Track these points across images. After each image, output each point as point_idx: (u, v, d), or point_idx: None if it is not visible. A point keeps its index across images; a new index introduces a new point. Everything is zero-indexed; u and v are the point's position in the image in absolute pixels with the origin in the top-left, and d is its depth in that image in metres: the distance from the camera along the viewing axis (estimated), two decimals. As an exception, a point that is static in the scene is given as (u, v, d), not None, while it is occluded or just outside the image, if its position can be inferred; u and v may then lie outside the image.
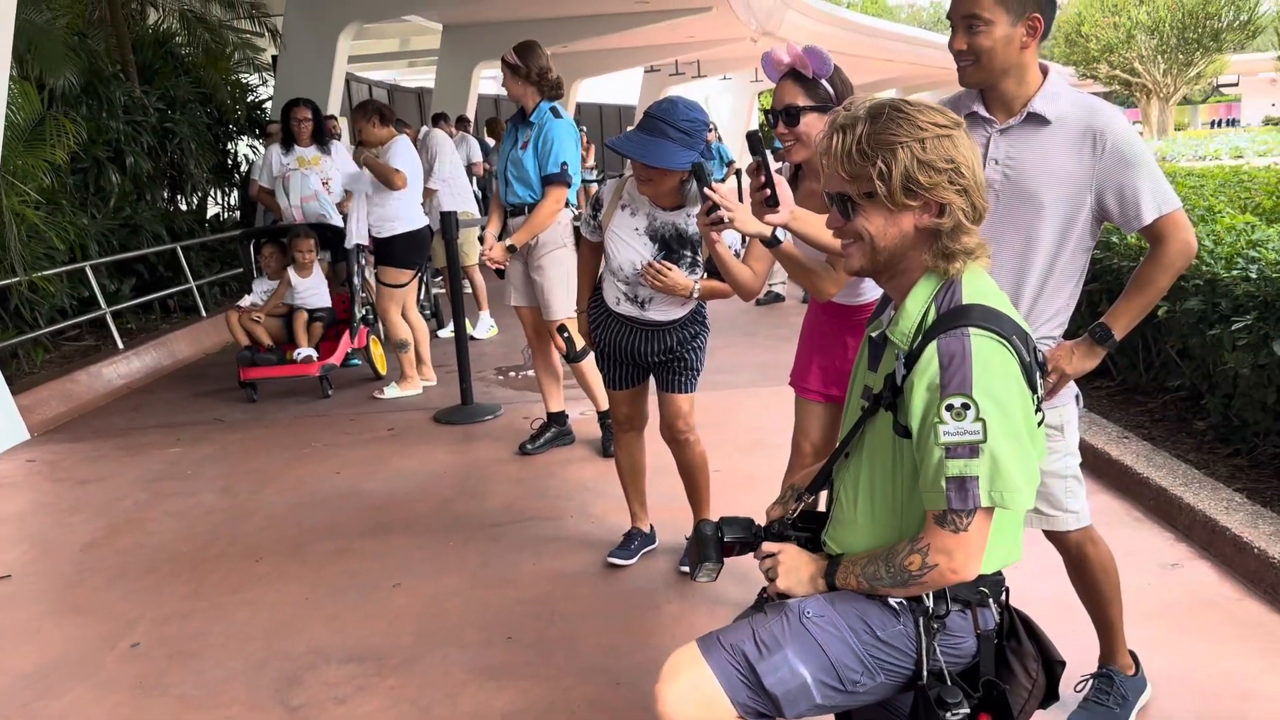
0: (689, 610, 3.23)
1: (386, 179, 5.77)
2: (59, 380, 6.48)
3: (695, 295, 3.06)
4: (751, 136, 2.16)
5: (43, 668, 3.07)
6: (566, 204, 4.60)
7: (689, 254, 3.10)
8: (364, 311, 6.54)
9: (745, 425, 5.14)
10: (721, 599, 3.25)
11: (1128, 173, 2.12)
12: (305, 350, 6.25)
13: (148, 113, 8.94)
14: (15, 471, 5.14)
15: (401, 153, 5.85)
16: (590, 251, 3.37)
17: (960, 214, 1.60)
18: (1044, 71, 2.20)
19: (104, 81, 8.50)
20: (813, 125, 2.50)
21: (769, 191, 2.11)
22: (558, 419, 5.01)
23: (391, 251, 5.99)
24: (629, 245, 3.12)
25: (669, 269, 3.00)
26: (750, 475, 4.28)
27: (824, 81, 2.50)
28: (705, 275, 3.11)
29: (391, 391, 6.18)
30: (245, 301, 6.48)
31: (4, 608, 3.53)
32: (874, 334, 1.76)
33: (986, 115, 2.20)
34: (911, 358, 1.61)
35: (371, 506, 4.34)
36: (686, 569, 3.41)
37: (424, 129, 8.86)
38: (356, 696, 2.81)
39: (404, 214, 5.91)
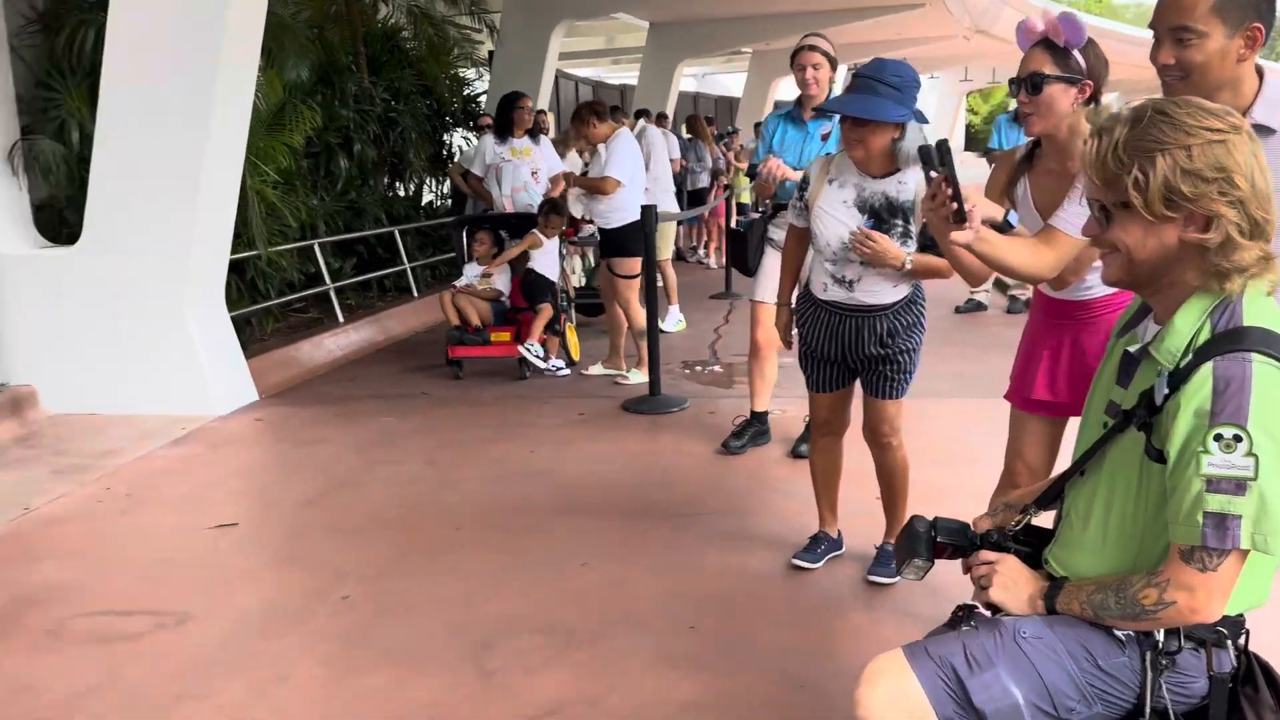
0: (876, 621, 3.15)
1: (596, 189, 5.97)
2: (286, 348, 7.02)
3: (907, 267, 2.95)
4: (941, 146, 1.98)
5: (263, 611, 3.34)
6: None
7: (900, 223, 3.00)
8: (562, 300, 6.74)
9: (940, 437, 4.96)
10: (912, 611, 3.16)
11: None
12: (534, 346, 6.43)
13: (375, 103, 9.54)
14: (245, 429, 5.62)
15: (622, 149, 5.98)
16: (796, 242, 3.33)
17: (1232, 229, 1.44)
18: (1259, 74, 1.98)
19: (338, 72, 9.14)
20: (1057, 97, 2.35)
21: (956, 205, 2.00)
22: (760, 418, 4.97)
23: (620, 242, 6.12)
24: (836, 219, 3.05)
25: (878, 236, 2.92)
26: (943, 489, 4.11)
27: (1075, 53, 2.37)
28: (918, 249, 2.99)
29: (635, 377, 6.27)
30: (460, 283, 6.80)
31: (234, 553, 3.86)
32: (1131, 348, 1.63)
33: None
34: (1178, 377, 1.48)
35: (563, 486, 4.47)
36: (875, 579, 3.33)
37: (639, 123, 9.03)
38: (544, 667, 2.90)
39: (630, 204, 6.02)
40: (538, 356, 6.41)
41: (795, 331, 3.36)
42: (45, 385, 5.98)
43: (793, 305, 3.39)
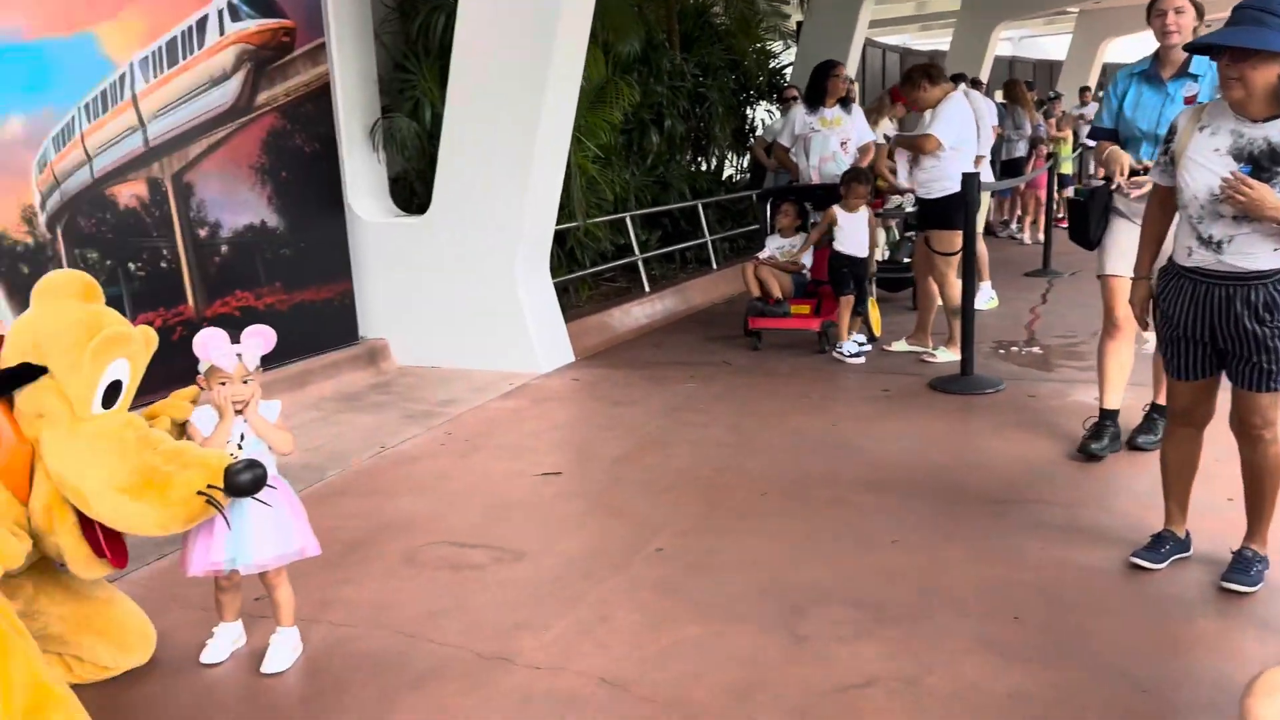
0: (1232, 630, 2.84)
1: (917, 147, 5.73)
2: (599, 314, 7.42)
3: None
4: None
5: (585, 555, 3.56)
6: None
7: None
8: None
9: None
10: (1272, 624, 2.82)
11: None
12: (845, 345, 6.31)
13: (685, 79, 9.77)
14: (564, 387, 6.00)
15: (951, 111, 5.73)
16: (1159, 206, 3.03)
17: None
18: None
19: (654, 49, 9.43)
20: None
21: None
22: (1112, 416, 4.31)
23: (942, 213, 5.80)
24: (1206, 169, 2.75)
25: (1254, 183, 2.60)
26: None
27: None
28: None
29: (944, 355, 6.04)
30: (763, 254, 6.84)
31: (559, 499, 4.14)
32: None
33: None
34: None
35: (866, 462, 4.39)
36: (1231, 585, 3.01)
37: (960, 87, 8.64)
38: (857, 640, 2.88)
39: (955, 173, 5.64)
40: (848, 355, 6.25)
41: (1153, 312, 3.06)
42: (395, 340, 6.70)
43: (1153, 280, 3.09)
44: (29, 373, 2.34)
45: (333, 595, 3.26)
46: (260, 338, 2.75)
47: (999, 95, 12.00)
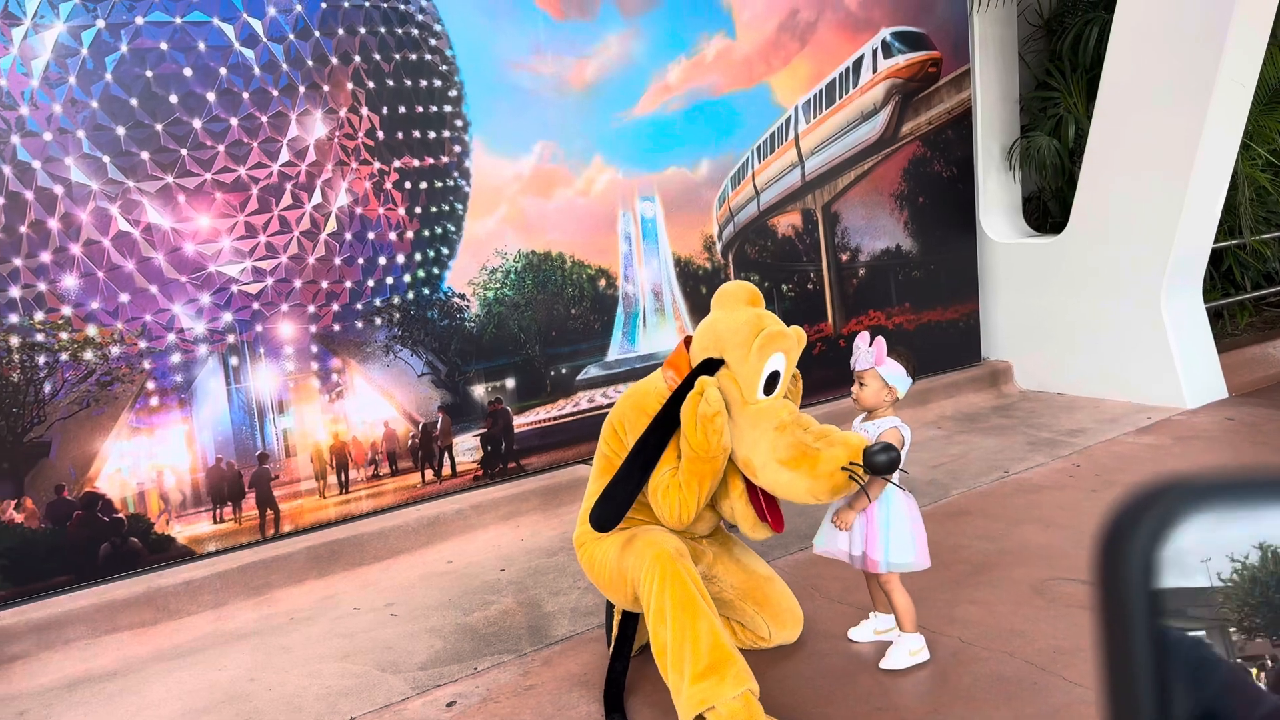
0: None
1: None
2: (1261, 345, 6.47)
3: None
4: None
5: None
6: None
7: None
8: None
9: None
10: None
11: None
12: None
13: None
14: (1214, 426, 5.35)
15: None
16: None
17: None
18: None
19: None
20: None
21: None
22: None
23: None
24: None
25: None
26: None
27: None
28: None
29: None
30: None
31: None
32: None
33: None
34: None
35: None
36: None
37: None
38: None
39: None
40: None
41: None
42: (1019, 362, 6.58)
43: None
44: (713, 366, 2.82)
45: (961, 614, 3.35)
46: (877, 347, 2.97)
47: None
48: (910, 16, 6.12)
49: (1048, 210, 7.05)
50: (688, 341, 2.95)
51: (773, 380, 2.79)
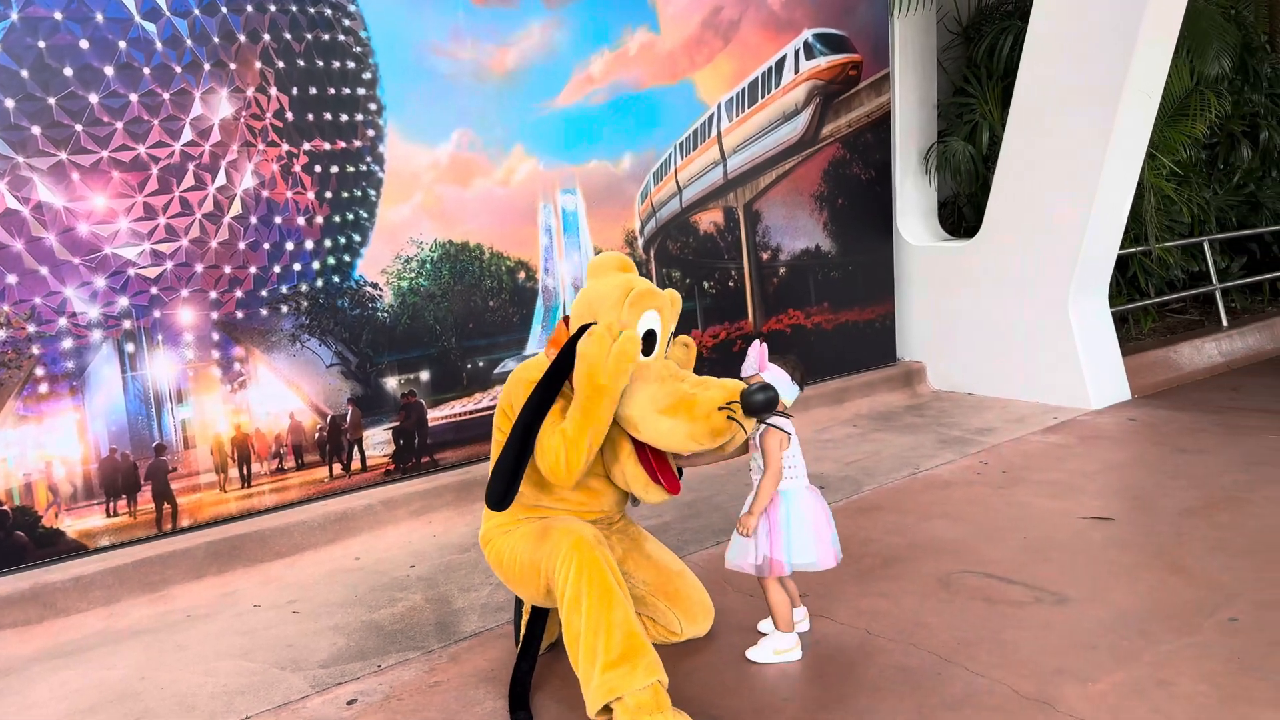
0: None
1: None
2: (1162, 349, 6.69)
3: None
4: None
5: (1141, 611, 3.25)
6: None
7: None
8: None
9: None
10: None
11: None
12: None
13: (1291, 84, 8.41)
14: (1117, 427, 5.51)
15: None
16: None
17: None
18: None
19: (1251, 53, 8.27)
20: None
21: None
22: None
23: None
24: None
25: None
26: None
27: None
28: None
29: None
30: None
31: (1109, 546, 3.84)
32: None
33: None
34: None
35: None
36: None
37: None
38: None
39: None
40: None
41: None
42: (932, 363, 6.70)
43: None
44: (586, 330, 2.80)
45: (868, 605, 3.37)
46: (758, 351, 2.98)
47: None
48: (832, 18, 6.19)
49: (962, 215, 7.19)
50: (567, 321, 2.94)
51: (650, 340, 2.78)
